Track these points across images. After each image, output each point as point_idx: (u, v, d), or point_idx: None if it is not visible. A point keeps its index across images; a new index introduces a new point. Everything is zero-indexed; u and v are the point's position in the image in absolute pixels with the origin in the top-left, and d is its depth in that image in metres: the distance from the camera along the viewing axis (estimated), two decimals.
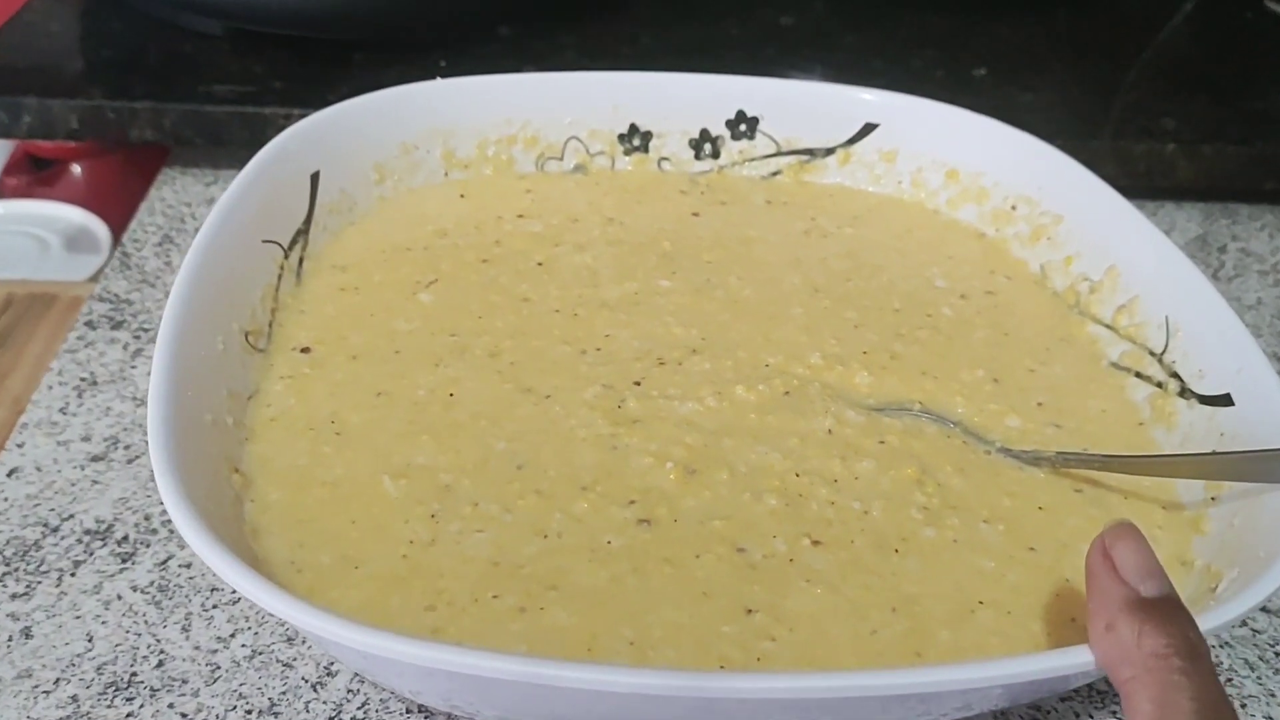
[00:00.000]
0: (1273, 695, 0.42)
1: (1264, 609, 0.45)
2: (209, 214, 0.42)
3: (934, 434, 0.42)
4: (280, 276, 0.45)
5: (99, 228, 0.80)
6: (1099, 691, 0.41)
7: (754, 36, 0.76)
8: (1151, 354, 0.45)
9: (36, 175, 0.87)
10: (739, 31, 0.76)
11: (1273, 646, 0.44)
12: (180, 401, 0.34)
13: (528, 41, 0.72)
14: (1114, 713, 0.41)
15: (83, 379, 0.52)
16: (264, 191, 0.45)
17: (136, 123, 0.63)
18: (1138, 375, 0.45)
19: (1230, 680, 0.42)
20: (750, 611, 0.35)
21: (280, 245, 0.45)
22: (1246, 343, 0.41)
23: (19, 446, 0.48)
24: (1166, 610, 0.29)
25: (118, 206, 0.82)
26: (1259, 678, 0.42)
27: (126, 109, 0.63)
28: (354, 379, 0.42)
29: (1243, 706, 0.41)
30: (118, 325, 0.55)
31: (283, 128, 0.49)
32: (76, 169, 0.87)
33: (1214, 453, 0.40)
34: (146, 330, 0.55)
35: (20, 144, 0.88)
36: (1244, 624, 0.44)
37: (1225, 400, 0.41)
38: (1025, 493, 0.40)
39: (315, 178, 0.48)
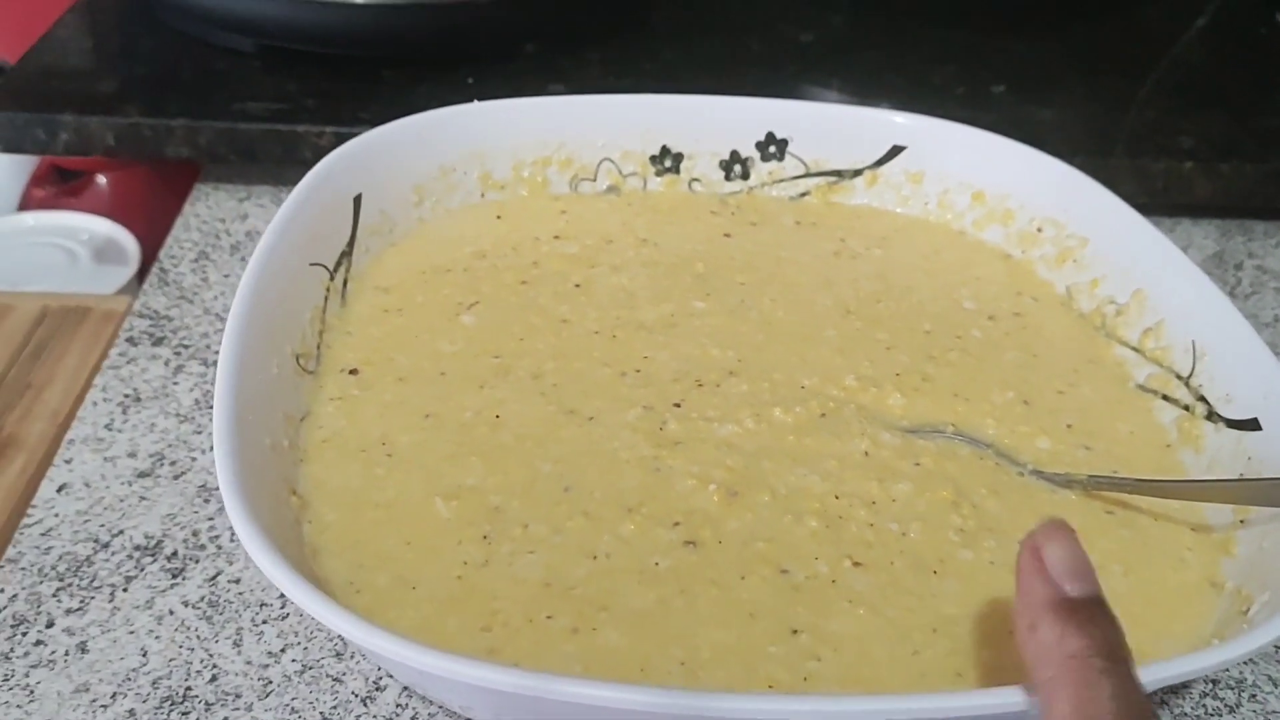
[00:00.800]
0: None
1: None
2: (262, 237, 0.43)
3: (967, 456, 0.43)
4: (327, 299, 0.46)
5: (126, 239, 0.81)
6: None
7: (774, 52, 0.77)
8: (1178, 377, 0.46)
9: (63, 187, 0.88)
10: (759, 47, 0.77)
11: None
12: (242, 426, 0.35)
13: (553, 58, 0.73)
14: None
15: (126, 395, 0.53)
16: (310, 215, 0.46)
17: (172, 140, 0.64)
18: (1165, 398, 0.46)
19: (1255, 696, 0.43)
20: (795, 632, 0.36)
21: (326, 268, 0.46)
22: (1273, 368, 0.42)
23: (67, 463, 0.49)
24: (1089, 611, 0.29)
25: (144, 218, 0.83)
26: None
27: (163, 126, 0.64)
28: (402, 401, 0.43)
29: None
30: (158, 341, 0.56)
31: (315, 145, 0.50)
32: (102, 180, 0.88)
33: (1242, 478, 0.41)
34: (187, 347, 0.56)
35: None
36: None
37: (1253, 425, 0.42)
38: (1058, 514, 0.41)
39: (358, 200, 0.49)
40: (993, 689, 0.31)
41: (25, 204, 0.87)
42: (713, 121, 0.56)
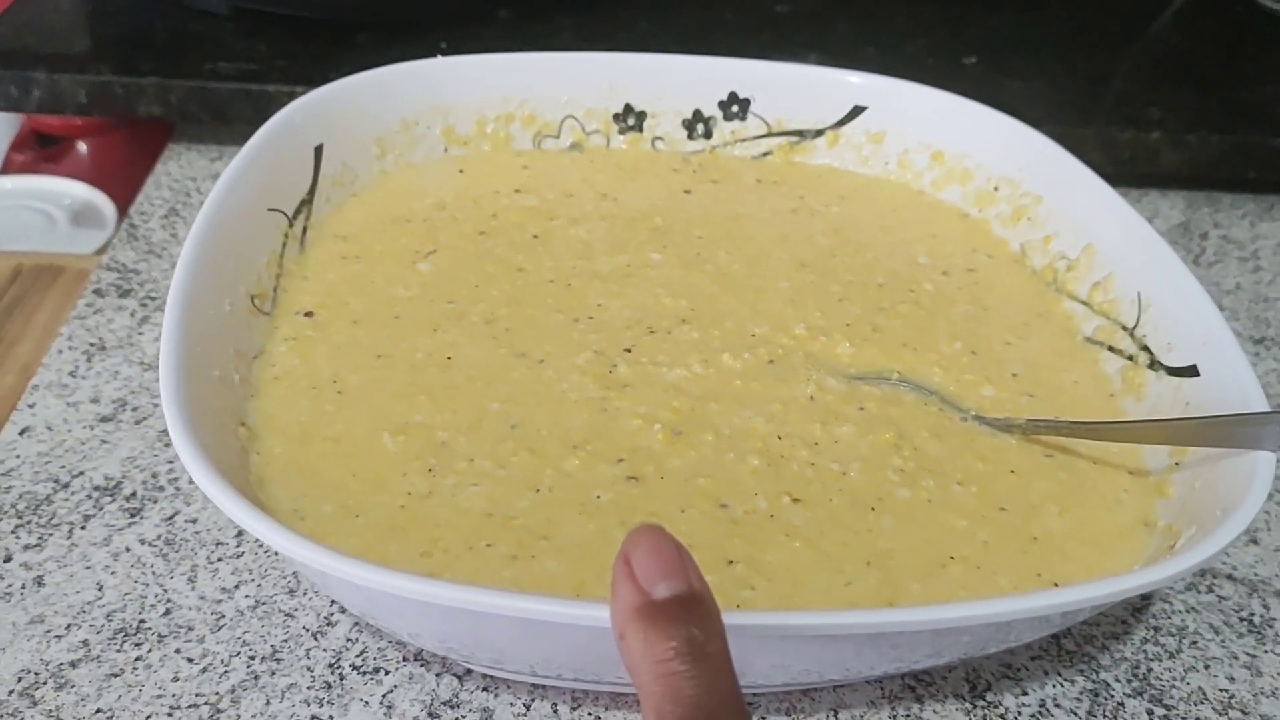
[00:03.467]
0: (1235, 657, 0.43)
1: (1230, 577, 0.47)
2: (217, 182, 0.43)
3: (911, 402, 0.44)
4: (285, 244, 0.47)
5: (104, 203, 0.81)
6: (1067, 651, 0.43)
7: (749, 22, 0.77)
8: (1124, 328, 0.47)
9: (42, 152, 0.89)
10: (734, 17, 0.78)
11: (1237, 612, 0.45)
12: (190, 356, 0.36)
13: (526, 24, 0.74)
14: (1082, 670, 0.42)
15: (91, 344, 0.53)
16: (269, 162, 0.47)
17: (144, 99, 0.65)
18: (1110, 349, 0.47)
19: (1195, 643, 0.44)
20: (731, 563, 0.36)
21: (285, 214, 0.47)
22: (1213, 316, 0.42)
23: (30, 407, 0.50)
24: (673, 611, 0.27)
25: (122, 183, 0.84)
26: (1223, 641, 0.44)
27: (134, 85, 0.64)
28: (354, 342, 0.44)
29: (1206, 668, 0.43)
30: (125, 294, 0.57)
31: (286, 105, 0.50)
32: (82, 146, 0.88)
33: (1178, 418, 0.42)
34: (153, 299, 0.56)
35: (27, 121, 0.89)
36: (1210, 590, 0.46)
37: (1191, 371, 0.42)
38: (998, 457, 0.42)
39: (319, 150, 0.50)
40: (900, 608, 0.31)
41: (4, 169, 0.87)
42: (676, 80, 0.57)
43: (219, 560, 0.44)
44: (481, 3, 0.73)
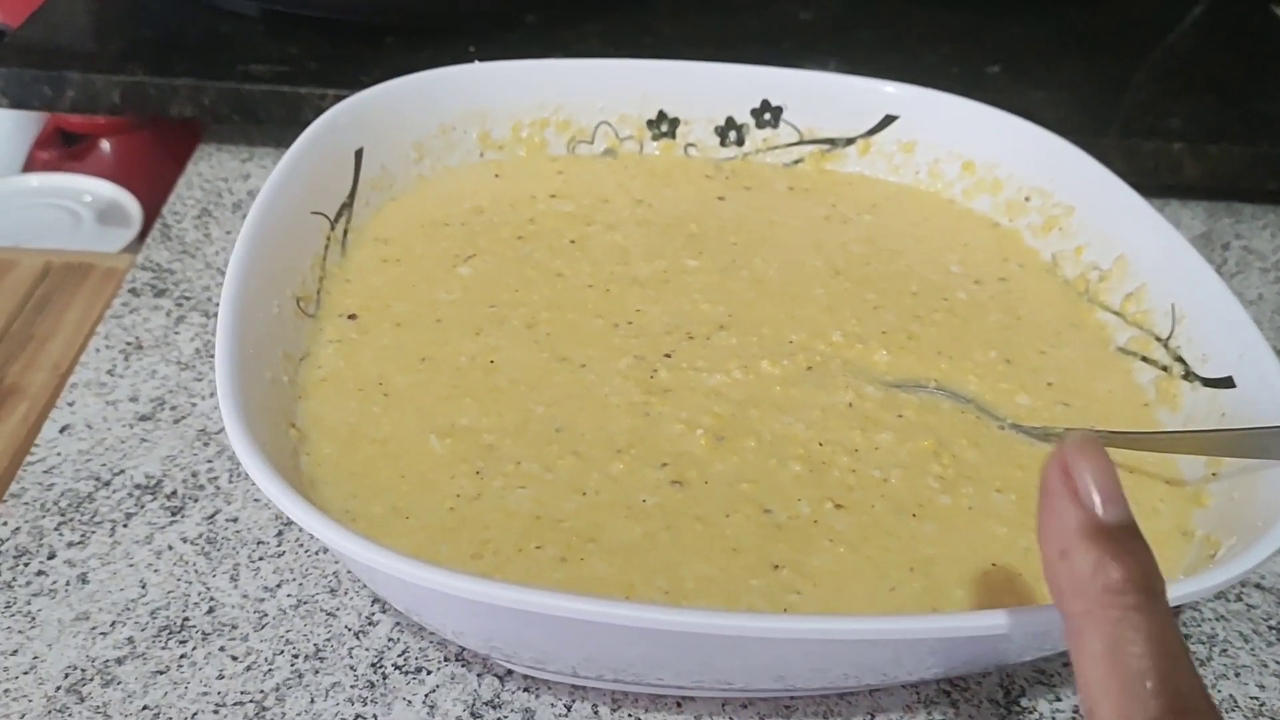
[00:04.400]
0: (1265, 666, 0.44)
1: (1259, 586, 0.47)
2: (265, 183, 0.44)
3: (949, 410, 0.44)
4: (327, 247, 0.47)
5: (129, 202, 0.82)
6: None
7: (772, 29, 0.78)
8: (1158, 339, 0.47)
9: (66, 150, 0.89)
10: (757, 23, 0.78)
11: (1266, 621, 0.46)
12: (243, 358, 0.36)
13: (553, 29, 0.74)
14: None
15: (128, 343, 0.54)
16: (312, 165, 0.47)
17: (176, 100, 0.65)
18: (1144, 359, 0.47)
19: (1225, 651, 0.44)
20: (776, 567, 0.37)
21: (327, 217, 0.47)
22: (1248, 328, 0.43)
23: (69, 405, 0.50)
24: (1125, 540, 0.26)
25: (146, 181, 0.84)
26: (1253, 649, 0.44)
27: (167, 86, 0.65)
28: (398, 345, 0.44)
29: (1237, 675, 0.43)
30: (160, 293, 0.57)
31: (317, 107, 0.51)
32: (106, 145, 0.89)
33: (1216, 430, 0.42)
34: (189, 299, 0.57)
35: (51, 119, 0.90)
36: (1239, 599, 0.47)
37: (1227, 383, 0.43)
38: (1036, 465, 0.42)
39: (359, 154, 0.50)
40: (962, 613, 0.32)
41: (29, 166, 0.88)
42: (709, 88, 0.57)
43: (260, 559, 0.44)
44: (510, 8, 0.73)
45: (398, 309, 0.46)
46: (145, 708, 0.39)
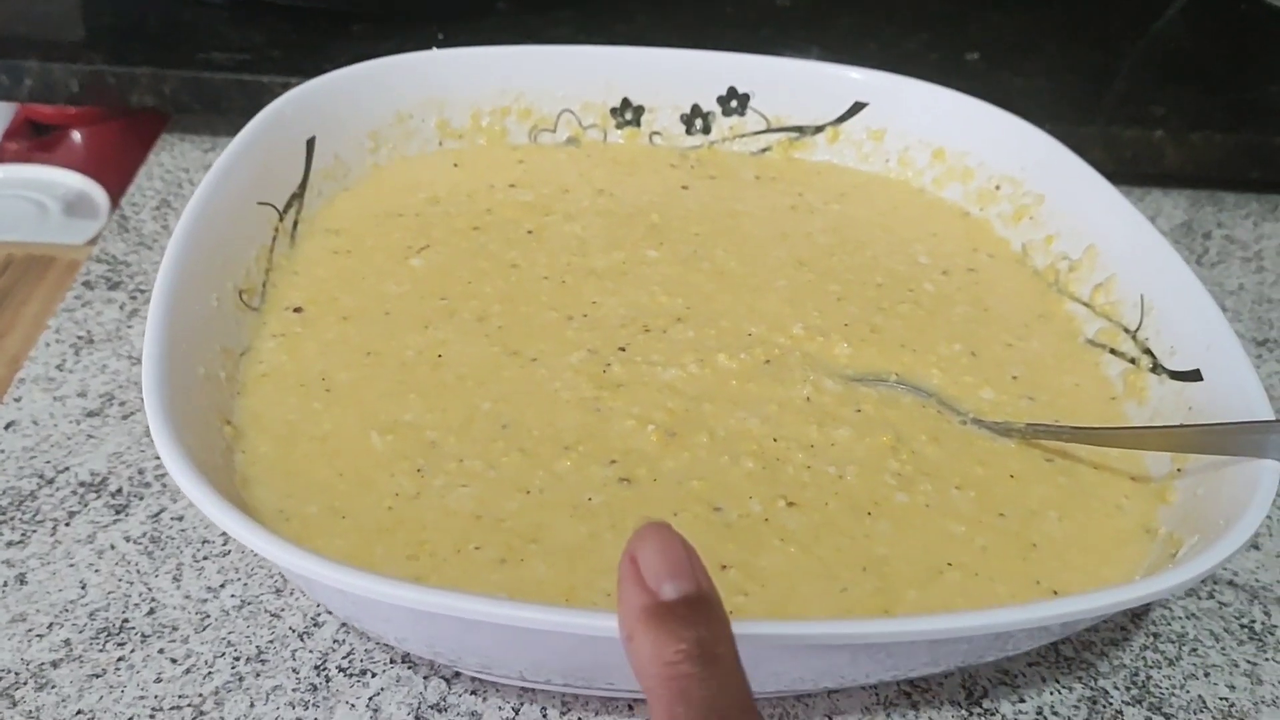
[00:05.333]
0: (1235, 665, 0.43)
1: (1231, 583, 0.46)
2: (206, 174, 0.43)
3: (909, 404, 0.43)
4: (275, 238, 0.46)
5: (98, 193, 0.81)
6: (1065, 658, 0.42)
7: (750, 17, 0.77)
8: (1126, 331, 0.46)
9: (36, 141, 0.88)
10: (734, 11, 0.77)
11: (1238, 619, 0.45)
12: (174, 354, 0.35)
13: (524, 17, 0.73)
14: (1080, 678, 0.42)
15: (80, 337, 0.53)
16: (260, 155, 0.46)
17: (136, 88, 0.64)
18: (1112, 352, 0.46)
19: (1195, 650, 0.43)
20: (724, 568, 0.36)
21: (275, 208, 0.46)
22: (1217, 320, 0.42)
23: (16, 401, 0.49)
24: (682, 613, 0.27)
25: (116, 173, 0.83)
26: (1223, 648, 0.43)
27: (127, 74, 0.64)
28: (344, 339, 0.43)
29: (1206, 675, 0.42)
30: (115, 286, 0.56)
31: (280, 96, 0.50)
32: (76, 135, 0.87)
33: (1181, 425, 0.41)
34: (143, 291, 0.55)
35: (21, 110, 0.89)
36: (1211, 596, 0.46)
37: (1195, 375, 0.42)
38: (997, 461, 0.41)
39: (311, 143, 0.49)
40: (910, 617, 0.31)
41: None
42: (674, 75, 0.56)
43: (205, 559, 0.43)
44: None
45: (345, 302, 0.45)
46: (79, 712, 0.38)
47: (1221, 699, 0.42)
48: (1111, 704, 0.41)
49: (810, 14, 0.78)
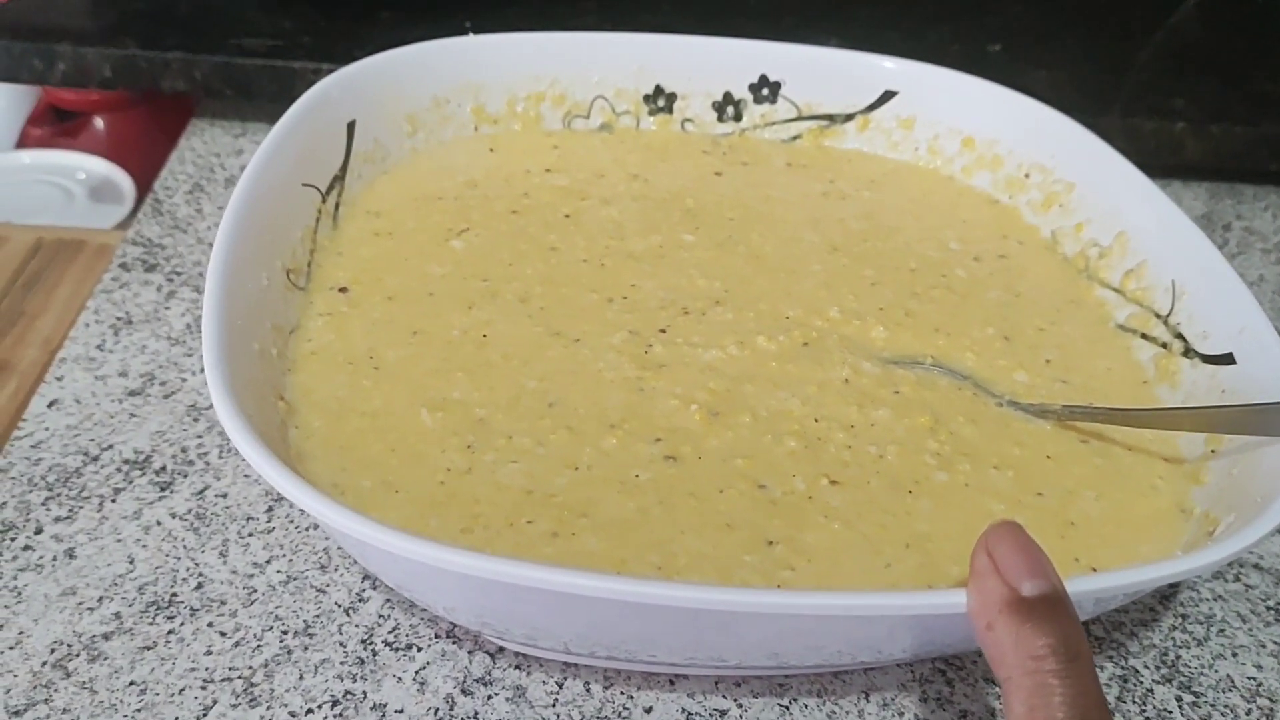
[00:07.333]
0: (1263, 646, 0.43)
1: (1257, 566, 0.47)
2: (255, 155, 0.43)
3: (946, 386, 0.44)
4: (318, 220, 0.46)
5: (122, 178, 0.81)
6: (1096, 638, 0.43)
7: (772, 6, 0.77)
8: (1157, 316, 0.46)
9: (60, 126, 0.89)
10: (757, 1, 0.78)
11: (1264, 601, 0.45)
12: (231, 328, 0.36)
13: (550, 5, 0.73)
14: (1111, 657, 0.43)
15: (118, 318, 0.53)
16: (304, 137, 0.46)
17: (168, 73, 0.65)
18: (1143, 336, 0.47)
19: (1223, 631, 0.44)
20: (771, 543, 0.36)
21: (318, 189, 0.47)
22: (1249, 304, 0.42)
23: (58, 380, 0.50)
24: (1045, 610, 0.28)
25: (139, 158, 0.83)
26: (1250, 629, 0.44)
27: (159, 59, 0.64)
28: (390, 318, 0.44)
29: (1234, 655, 0.43)
30: (151, 268, 0.56)
31: (310, 81, 0.50)
32: (99, 122, 0.88)
33: (1216, 406, 0.41)
34: (179, 274, 0.56)
35: (44, 95, 0.89)
36: (1238, 579, 0.46)
37: (1228, 359, 0.42)
38: (1033, 442, 0.42)
39: (351, 126, 0.49)
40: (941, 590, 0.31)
41: (22, 142, 0.87)
42: (707, 62, 0.56)
43: (250, 535, 0.44)
44: None
45: (389, 282, 0.45)
46: (132, 683, 0.38)
47: (1249, 678, 0.42)
48: (1142, 682, 0.42)
49: (832, 5, 0.78)
